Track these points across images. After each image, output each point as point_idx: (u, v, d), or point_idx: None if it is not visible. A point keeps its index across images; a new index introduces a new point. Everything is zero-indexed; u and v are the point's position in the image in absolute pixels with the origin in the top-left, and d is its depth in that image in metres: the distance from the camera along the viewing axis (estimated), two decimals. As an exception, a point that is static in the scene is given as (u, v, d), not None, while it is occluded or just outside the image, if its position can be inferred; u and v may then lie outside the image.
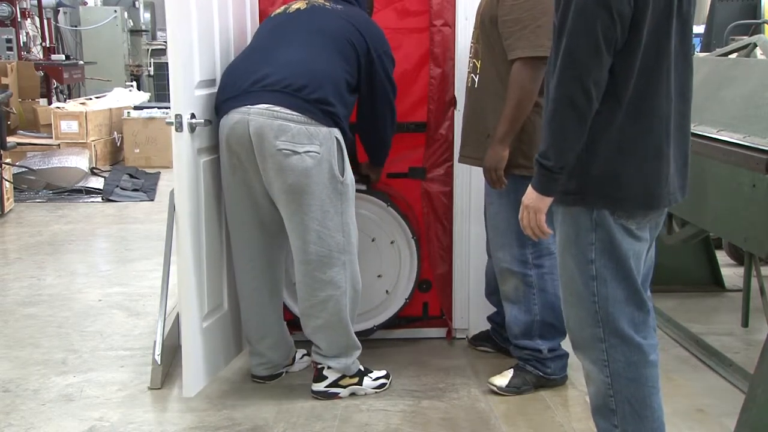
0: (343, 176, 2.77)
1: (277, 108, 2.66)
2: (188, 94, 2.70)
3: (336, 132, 2.74)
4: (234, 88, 2.75)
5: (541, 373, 3.01)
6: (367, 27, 2.88)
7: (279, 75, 2.70)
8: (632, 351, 2.07)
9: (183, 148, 2.67)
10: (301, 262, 2.82)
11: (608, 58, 1.86)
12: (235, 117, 2.71)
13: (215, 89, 2.86)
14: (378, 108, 2.92)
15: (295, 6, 2.93)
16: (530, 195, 2.03)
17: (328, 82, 2.71)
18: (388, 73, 2.91)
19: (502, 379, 3.00)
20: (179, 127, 2.65)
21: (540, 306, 2.97)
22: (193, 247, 2.75)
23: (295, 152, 2.66)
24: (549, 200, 2.00)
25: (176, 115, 2.64)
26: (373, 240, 3.30)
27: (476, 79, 2.91)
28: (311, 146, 2.67)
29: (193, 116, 2.70)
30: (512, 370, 3.03)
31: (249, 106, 2.68)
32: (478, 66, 2.90)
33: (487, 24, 2.81)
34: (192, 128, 2.69)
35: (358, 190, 3.20)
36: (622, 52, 1.89)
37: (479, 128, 2.91)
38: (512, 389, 2.98)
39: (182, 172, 2.68)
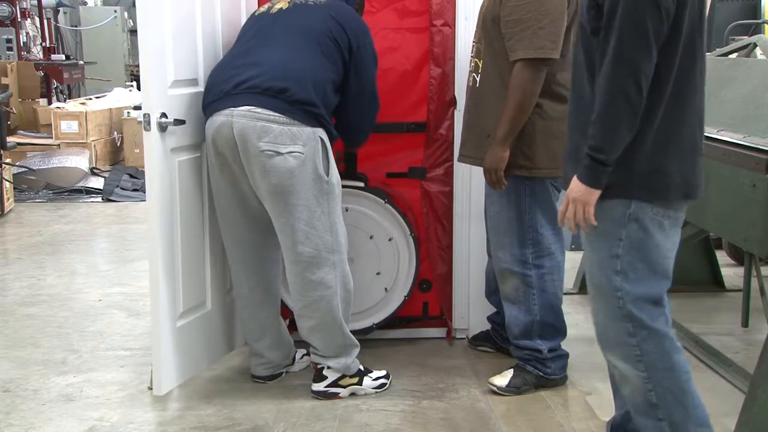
0: (328, 176, 2.77)
1: (259, 110, 2.67)
2: (159, 93, 2.68)
3: (320, 132, 2.75)
4: (218, 90, 2.77)
5: (541, 373, 3.01)
6: (348, 20, 2.86)
7: (261, 77, 2.70)
8: (662, 340, 2.09)
9: (153, 147, 2.66)
10: (290, 262, 2.82)
11: (656, 53, 1.93)
12: (219, 119, 2.73)
13: (196, 88, 2.86)
14: (359, 99, 2.91)
15: (277, 6, 2.92)
16: (578, 188, 2.04)
17: (310, 83, 2.71)
18: (372, 66, 2.90)
19: (502, 379, 3.00)
20: (147, 126, 2.65)
21: (540, 306, 2.97)
22: (163, 246, 2.73)
23: (278, 153, 2.66)
24: (598, 193, 2.02)
25: (144, 114, 2.65)
26: (371, 237, 3.30)
27: (478, 79, 2.91)
28: (294, 147, 2.68)
29: (164, 116, 2.69)
30: (512, 370, 3.03)
31: (232, 108, 2.70)
32: (480, 65, 2.89)
33: (489, 24, 2.81)
34: (162, 128, 2.69)
35: (355, 188, 3.20)
36: (664, 47, 1.95)
37: (479, 128, 2.91)
38: (512, 389, 2.98)
39: (153, 171, 2.67)
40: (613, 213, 2.06)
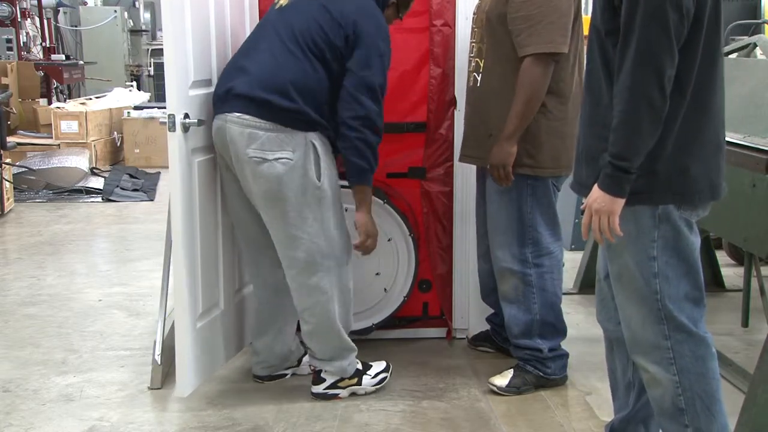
0: (320, 181, 2.73)
1: (247, 116, 2.66)
2: (182, 94, 2.70)
3: (313, 137, 2.71)
4: (217, 92, 2.78)
5: (541, 373, 3.01)
6: (342, 6, 2.72)
7: (247, 86, 2.68)
8: (698, 345, 2.07)
9: (176, 148, 2.67)
10: (286, 267, 2.81)
11: (677, 55, 1.87)
12: (217, 123, 2.75)
13: (210, 89, 2.86)
14: (350, 116, 2.75)
15: (280, 2, 2.89)
16: (601, 199, 1.95)
17: (295, 91, 2.66)
18: (368, 72, 2.70)
19: (502, 379, 3.00)
20: (172, 127, 2.65)
21: (540, 305, 2.97)
22: (186, 247, 2.74)
23: (265, 159, 2.65)
24: (622, 201, 1.95)
25: (169, 115, 2.65)
26: None
27: (479, 78, 2.91)
28: (282, 153, 2.66)
29: (186, 116, 2.70)
30: (512, 370, 3.03)
31: (226, 114, 2.70)
32: (481, 65, 2.89)
33: (494, 22, 2.81)
34: (185, 128, 2.69)
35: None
36: (685, 48, 1.90)
37: (481, 127, 2.91)
38: (512, 389, 2.98)
39: (176, 171, 2.68)
40: (640, 217, 2.01)
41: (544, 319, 2.98)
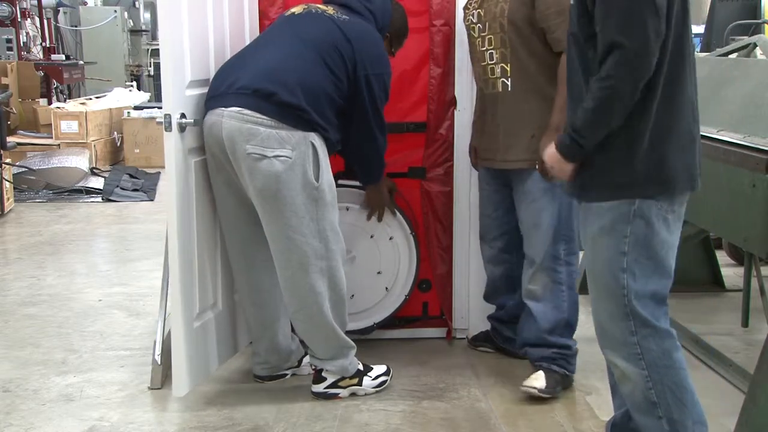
0: (318, 182, 2.72)
1: (247, 111, 2.65)
2: (178, 93, 2.69)
3: (313, 137, 2.71)
4: (213, 89, 2.77)
5: (566, 371, 2.98)
6: (361, 41, 2.80)
7: (250, 79, 2.68)
8: (663, 338, 2.12)
9: (173, 148, 2.66)
10: (279, 267, 2.79)
11: (658, 51, 1.95)
12: (211, 119, 2.73)
13: (207, 89, 2.86)
14: (356, 131, 2.86)
15: (292, 10, 2.92)
16: (555, 158, 2.13)
17: (299, 88, 2.67)
18: (373, 98, 2.82)
19: (539, 381, 2.91)
20: (168, 127, 2.64)
21: (568, 304, 2.97)
22: (182, 247, 2.73)
23: (264, 156, 2.64)
24: (572, 165, 2.10)
25: (165, 115, 2.64)
26: (371, 236, 3.29)
27: (509, 83, 2.89)
28: (282, 150, 2.65)
29: (183, 116, 2.69)
30: (541, 372, 2.96)
31: (223, 109, 2.69)
32: (508, 70, 2.87)
33: (519, 24, 2.81)
34: (182, 128, 2.69)
35: (354, 187, 3.19)
36: None
37: (524, 130, 2.88)
38: (550, 390, 2.91)
39: (172, 171, 2.68)
40: (617, 211, 2.06)
41: (571, 318, 2.98)
